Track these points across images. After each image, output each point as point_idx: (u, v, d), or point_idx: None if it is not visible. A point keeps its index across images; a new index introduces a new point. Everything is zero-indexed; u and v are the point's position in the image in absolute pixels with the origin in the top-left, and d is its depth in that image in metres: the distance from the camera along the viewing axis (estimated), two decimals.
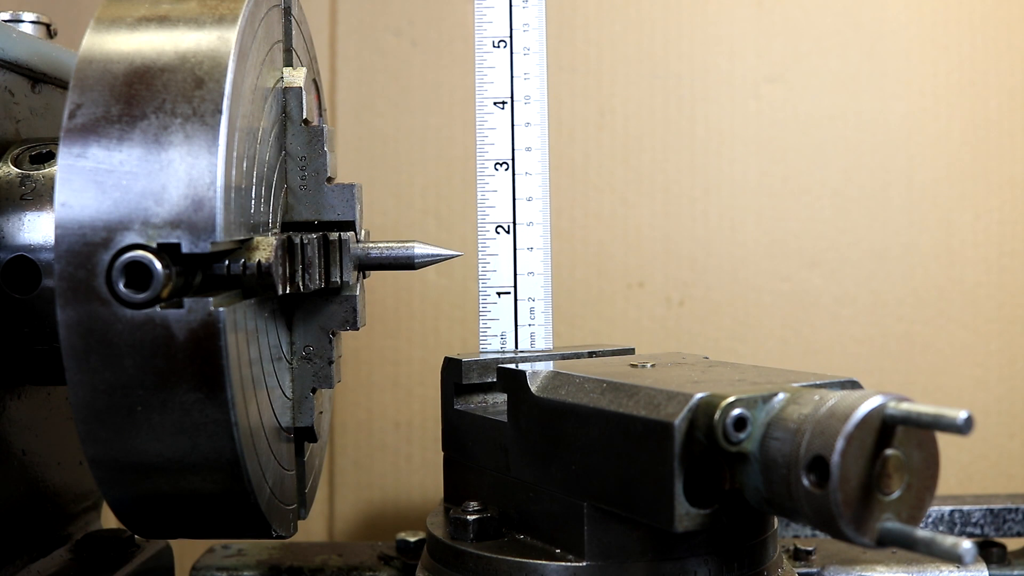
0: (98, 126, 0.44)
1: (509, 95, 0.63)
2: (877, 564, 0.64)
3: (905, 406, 0.40)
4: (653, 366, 0.55)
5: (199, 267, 0.45)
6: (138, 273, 0.43)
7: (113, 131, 0.44)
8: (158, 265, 0.43)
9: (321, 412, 0.60)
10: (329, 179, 0.56)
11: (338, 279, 0.54)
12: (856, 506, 0.40)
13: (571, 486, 0.50)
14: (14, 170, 0.56)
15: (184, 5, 0.48)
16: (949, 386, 0.95)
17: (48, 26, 0.66)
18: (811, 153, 0.95)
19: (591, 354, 0.62)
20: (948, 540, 0.37)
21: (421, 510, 0.93)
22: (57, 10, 0.79)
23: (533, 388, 0.53)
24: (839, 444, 0.39)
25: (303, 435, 0.57)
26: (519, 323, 0.63)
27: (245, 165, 0.48)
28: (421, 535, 0.68)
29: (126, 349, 0.43)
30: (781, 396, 0.44)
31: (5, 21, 0.64)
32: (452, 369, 0.60)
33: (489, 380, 0.59)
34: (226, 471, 0.46)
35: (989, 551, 0.71)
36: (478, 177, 0.63)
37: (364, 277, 0.60)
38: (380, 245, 0.57)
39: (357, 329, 0.57)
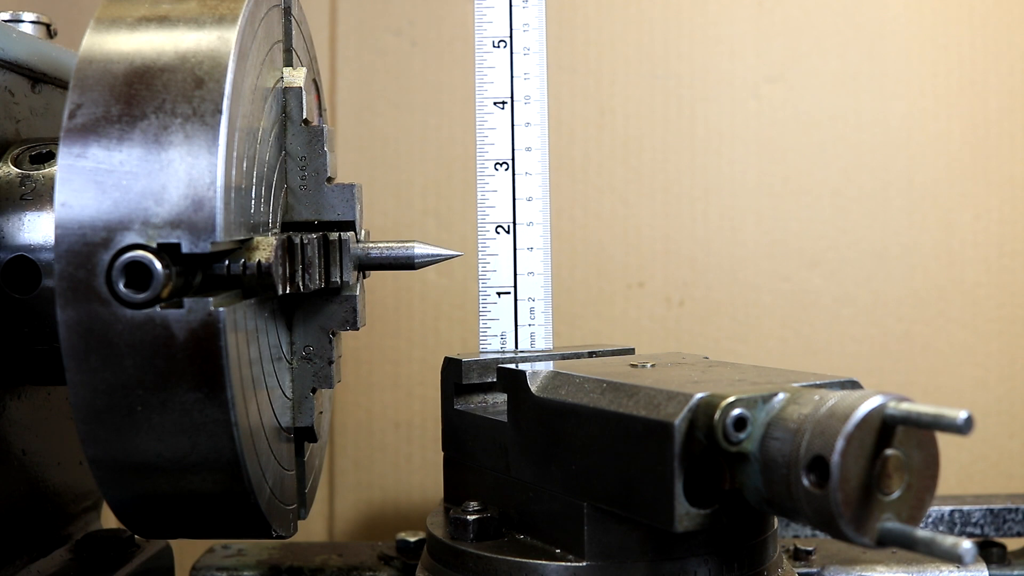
0: (98, 126, 0.44)
1: (509, 95, 0.63)
2: (877, 564, 0.64)
3: (905, 406, 0.40)
4: (653, 366, 0.55)
5: (199, 267, 0.45)
6: (138, 273, 0.43)
7: (113, 131, 0.44)
8: (158, 265, 0.43)
9: (321, 412, 0.60)
10: (329, 179, 0.56)
11: (338, 279, 0.54)
12: (856, 506, 0.40)
13: (571, 486, 0.50)
14: (14, 170, 0.56)
15: (184, 5, 0.48)
16: (949, 386, 0.95)
17: (48, 26, 0.66)
18: (811, 153, 0.95)
19: (591, 354, 0.62)
20: (948, 540, 0.37)
21: (421, 510, 0.93)
22: (57, 10, 0.79)
23: (533, 388, 0.53)
24: (839, 444, 0.39)
25: (303, 435, 0.57)
26: (519, 323, 0.63)
27: (245, 165, 0.48)
28: (421, 535, 0.68)
29: (126, 349, 0.43)
30: (781, 396, 0.44)
31: (5, 21, 0.64)
32: (452, 369, 0.60)
33: (489, 380, 0.59)
34: (226, 471, 0.46)
35: (989, 551, 0.71)
36: (478, 177, 0.63)
37: (364, 277, 0.60)
38: (380, 245, 0.57)
39: (357, 329, 0.57)
